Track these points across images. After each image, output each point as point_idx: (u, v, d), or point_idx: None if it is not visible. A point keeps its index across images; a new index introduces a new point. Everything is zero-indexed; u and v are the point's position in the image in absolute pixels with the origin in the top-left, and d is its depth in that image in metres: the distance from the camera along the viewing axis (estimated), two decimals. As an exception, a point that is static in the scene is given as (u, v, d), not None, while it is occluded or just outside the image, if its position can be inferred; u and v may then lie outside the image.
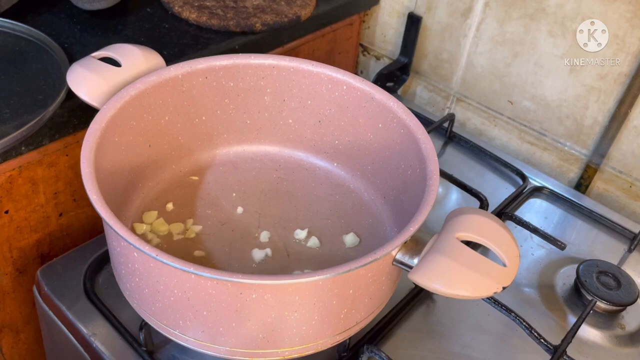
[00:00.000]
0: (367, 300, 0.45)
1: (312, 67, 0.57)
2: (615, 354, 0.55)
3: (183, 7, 0.70)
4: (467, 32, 0.78)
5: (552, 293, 0.60)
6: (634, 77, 0.65)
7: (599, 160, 0.73)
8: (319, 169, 0.62)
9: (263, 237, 0.54)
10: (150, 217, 0.54)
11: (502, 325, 0.55)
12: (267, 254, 0.52)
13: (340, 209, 0.58)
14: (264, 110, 0.60)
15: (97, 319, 0.52)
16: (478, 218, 0.44)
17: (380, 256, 0.40)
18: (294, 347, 0.44)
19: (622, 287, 0.59)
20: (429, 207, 0.44)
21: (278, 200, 0.58)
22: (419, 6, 0.82)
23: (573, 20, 0.67)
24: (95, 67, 0.52)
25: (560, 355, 0.50)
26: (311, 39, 0.79)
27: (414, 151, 0.51)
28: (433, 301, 0.58)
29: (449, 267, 0.40)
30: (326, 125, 0.60)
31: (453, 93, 0.84)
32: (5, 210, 0.56)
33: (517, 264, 0.43)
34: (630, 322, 0.58)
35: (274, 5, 0.72)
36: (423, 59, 0.85)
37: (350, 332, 0.46)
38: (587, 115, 0.72)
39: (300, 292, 0.40)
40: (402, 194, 0.54)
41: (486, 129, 0.82)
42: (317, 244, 0.54)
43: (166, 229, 0.53)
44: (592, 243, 0.67)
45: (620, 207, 0.74)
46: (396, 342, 0.53)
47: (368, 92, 0.55)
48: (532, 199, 0.72)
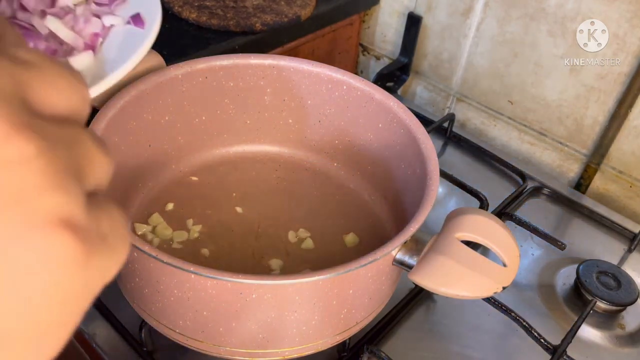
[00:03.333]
0: (367, 300, 0.45)
1: (312, 67, 0.57)
2: (615, 354, 0.55)
3: (183, 7, 0.70)
4: (467, 32, 0.78)
5: (552, 293, 0.60)
6: (634, 77, 0.65)
7: (599, 160, 0.73)
8: (319, 169, 0.62)
9: (263, 238, 0.54)
10: (155, 221, 0.54)
11: (502, 325, 0.55)
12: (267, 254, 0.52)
13: (340, 209, 0.58)
14: (264, 110, 0.60)
15: (97, 319, 0.52)
16: (478, 218, 0.44)
17: (380, 256, 0.40)
18: (294, 347, 0.44)
19: (622, 287, 0.59)
20: (429, 207, 0.44)
21: (278, 200, 0.58)
22: (419, 6, 0.82)
23: (573, 20, 0.67)
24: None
25: (560, 356, 0.50)
26: (311, 39, 0.79)
27: (414, 151, 0.51)
28: (433, 301, 0.58)
29: (449, 267, 0.40)
30: (326, 125, 0.60)
31: (453, 93, 0.84)
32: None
33: (517, 264, 0.43)
34: (630, 322, 0.58)
35: (274, 5, 0.72)
36: (423, 59, 0.85)
37: (350, 332, 0.46)
38: (587, 115, 0.72)
39: (300, 292, 0.40)
40: (402, 194, 0.54)
41: (486, 128, 0.82)
42: (311, 245, 0.54)
43: (170, 234, 0.53)
44: (592, 243, 0.67)
45: (620, 207, 0.73)
46: (396, 342, 0.53)
47: (368, 92, 0.55)
48: (532, 199, 0.72)
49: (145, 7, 0.44)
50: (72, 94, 0.16)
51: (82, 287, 0.15)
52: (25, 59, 0.15)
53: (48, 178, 0.14)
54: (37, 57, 0.16)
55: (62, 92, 0.16)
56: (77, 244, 0.14)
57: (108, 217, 0.16)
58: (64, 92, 0.16)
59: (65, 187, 0.14)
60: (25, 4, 0.41)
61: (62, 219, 0.14)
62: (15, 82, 0.15)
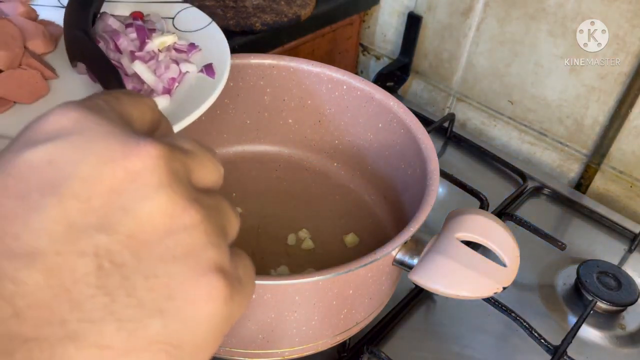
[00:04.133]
0: (367, 300, 0.45)
1: (312, 67, 0.57)
2: (615, 354, 0.55)
3: (183, 7, 0.70)
4: (467, 31, 0.78)
5: (552, 293, 0.60)
6: (634, 77, 0.65)
7: (599, 160, 0.73)
8: (319, 169, 0.62)
9: (263, 238, 0.54)
10: None
11: (502, 325, 0.55)
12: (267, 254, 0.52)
13: (340, 209, 0.58)
14: (264, 110, 0.60)
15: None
16: (478, 218, 0.44)
17: (380, 256, 0.40)
18: (294, 348, 0.44)
19: (622, 287, 0.59)
20: (429, 207, 0.43)
21: (278, 200, 0.58)
22: (419, 6, 0.82)
23: (573, 20, 0.67)
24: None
25: (560, 356, 0.50)
26: (311, 39, 0.79)
27: (414, 151, 0.51)
28: (433, 301, 0.57)
29: (449, 267, 0.40)
30: (326, 125, 0.60)
31: (453, 93, 0.84)
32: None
33: (517, 264, 0.43)
34: (630, 323, 0.58)
35: (273, 5, 0.72)
36: (423, 58, 0.85)
37: (350, 333, 0.46)
38: (588, 115, 0.71)
39: (300, 292, 0.40)
40: (402, 194, 0.54)
41: (486, 128, 0.82)
42: (310, 246, 0.54)
43: None
44: (592, 243, 0.67)
45: (620, 207, 0.73)
46: (396, 342, 0.53)
47: (368, 92, 0.55)
48: (533, 199, 0.72)
49: (217, 58, 0.49)
50: (216, 172, 0.22)
51: (227, 317, 0.20)
52: (186, 149, 0.21)
53: (209, 238, 0.20)
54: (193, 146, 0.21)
55: (210, 172, 0.22)
56: (226, 285, 0.20)
57: (242, 264, 0.22)
58: (211, 172, 0.22)
59: (218, 244, 0.20)
60: (119, 45, 0.46)
61: (217, 267, 0.20)
62: (184, 167, 0.20)
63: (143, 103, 0.23)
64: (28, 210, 0.17)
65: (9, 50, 0.41)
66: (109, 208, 0.18)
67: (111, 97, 0.22)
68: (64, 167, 0.18)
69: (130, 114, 0.22)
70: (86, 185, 0.18)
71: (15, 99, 0.42)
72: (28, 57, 0.43)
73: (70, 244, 0.17)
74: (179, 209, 0.19)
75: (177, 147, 0.20)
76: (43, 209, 0.17)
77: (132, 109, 0.22)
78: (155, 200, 0.19)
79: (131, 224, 0.18)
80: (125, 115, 0.21)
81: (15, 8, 0.47)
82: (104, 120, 0.19)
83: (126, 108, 0.21)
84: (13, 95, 0.41)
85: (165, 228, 0.19)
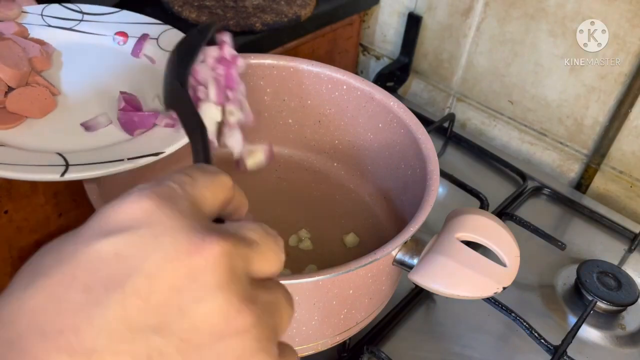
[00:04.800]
0: (367, 300, 0.45)
1: (312, 67, 0.57)
2: (615, 354, 0.55)
3: (183, 7, 0.70)
4: (467, 31, 0.78)
5: (552, 293, 0.60)
6: (634, 77, 0.65)
7: (599, 160, 0.73)
8: (319, 169, 0.62)
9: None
10: None
11: (502, 325, 0.55)
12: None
13: (340, 209, 0.58)
14: (264, 110, 0.60)
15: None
16: (478, 218, 0.44)
17: (380, 256, 0.40)
18: (294, 348, 0.44)
19: (622, 287, 0.59)
20: (429, 207, 0.43)
21: (278, 201, 0.58)
22: (419, 6, 0.82)
23: (573, 20, 0.67)
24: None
25: (560, 356, 0.50)
26: (311, 39, 0.79)
27: (414, 151, 0.51)
28: (433, 301, 0.57)
29: (449, 267, 0.40)
30: (326, 125, 0.60)
31: (453, 93, 0.84)
32: (4, 210, 0.56)
33: (517, 264, 0.43)
34: (630, 323, 0.58)
35: (273, 5, 0.72)
36: (423, 58, 0.85)
37: (350, 333, 0.46)
38: (588, 115, 0.71)
39: (300, 292, 0.40)
40: (402, 194, 0.54)
41: (486, 128, 0.82)
42: (310, 246, 0.54)
43: None
44: (592, 243, 0.67)
45: (620, 207, 0.73)
46: (396, 342, 0.53)
47: (368, 92, 0.55)
48: (533, 199, 0.72)
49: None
50: (276, 263, 0.22)
51: None
52: (251, 240, 0.21)
53: (259, 344, 0.20)
54: (258, 235, 0.22)
55: (271, 264, 0.22)
56: None
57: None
58: (272, 263, 0.22)
59: (268, 350, 0.21)
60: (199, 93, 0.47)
61: None
62: (244, 262, 0.20)
63: (218, 183, 0.23)
64: (92, 305, 0.18)
65: (19, 69, 0.43)
66: (167, 307, 0.19)
67: (188, 178, 0.22)
68: (130, 262, 0.19)
69: (204, 197, 0.22)
70: (149, 282, 0.18)
71: (27, 115, 0.44)
72: (35, 75, 0.45)
73: (126, 344, 0.18)
74: (233, 311, 0.19)
75: (241, 239, 0.21)
76: (106, 305, 0.18)
77: (206, 190, 0.22)
78: (211, 302, 0.19)
79: (186, 326, 0.19)
80: (198, 201, 0.22)
81: (10, 27, 0.49)
82: (175, 212, 0.20)
83: (200, 192, 0.22)
84: (25, 111, 0.44)
85: (218, 331, 0.19)
